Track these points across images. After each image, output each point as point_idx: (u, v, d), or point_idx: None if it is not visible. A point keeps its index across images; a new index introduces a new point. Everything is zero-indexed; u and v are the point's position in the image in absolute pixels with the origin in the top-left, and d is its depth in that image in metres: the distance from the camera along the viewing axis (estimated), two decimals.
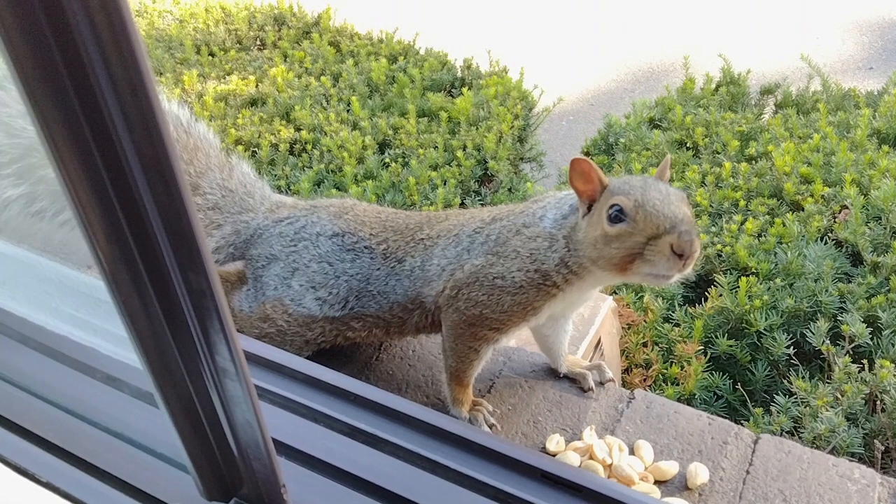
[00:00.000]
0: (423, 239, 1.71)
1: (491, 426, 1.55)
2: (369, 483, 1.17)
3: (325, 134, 4.08)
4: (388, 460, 1.22)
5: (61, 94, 0.72)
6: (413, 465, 1.21)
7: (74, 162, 0.76)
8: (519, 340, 2.40)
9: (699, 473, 1.34)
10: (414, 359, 1.59)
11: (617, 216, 1.42)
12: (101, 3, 0.67)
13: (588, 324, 2.48)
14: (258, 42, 4.89)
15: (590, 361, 1.77)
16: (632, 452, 1.41)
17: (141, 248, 0.84)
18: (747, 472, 1.34)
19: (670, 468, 1.36)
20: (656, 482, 1.35)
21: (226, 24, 4.92)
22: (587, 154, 4.15)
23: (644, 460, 1.38)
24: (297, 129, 4.15)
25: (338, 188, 3.82)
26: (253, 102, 4.39)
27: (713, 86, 4.24)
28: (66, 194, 0.79)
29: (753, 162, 3.59)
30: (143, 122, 0.74)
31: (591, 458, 1.37)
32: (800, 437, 2.61)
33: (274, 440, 1.28)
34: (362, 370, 1.57)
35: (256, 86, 4.45)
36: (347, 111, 4.24)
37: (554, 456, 1.38)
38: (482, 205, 3.96)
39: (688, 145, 3.83)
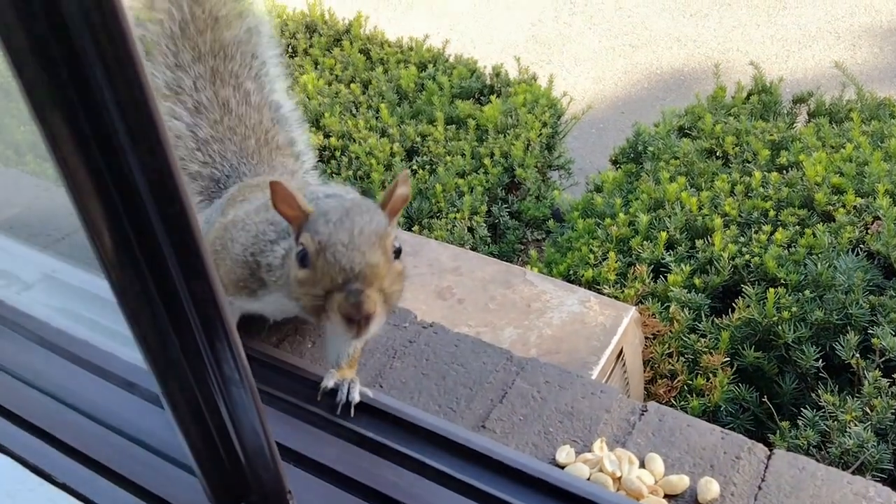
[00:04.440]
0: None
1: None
2: (376, 492, 1.18)
3: (354, 141, 4.11)
4: (394, 469, 1.23)
5: (73, 117, 0.75)
6: (420, 474, 1.21)
7: (86, 182, 0.79)
8: (539, 351, 2.40)
9: (710, 488, 1.33)
10: (427, 367, 1.59)
11: (303, 259, 1.25)
12: (106, 29, 0.69)
13: (610, 334, 2.47)
14: (289, 49, 4.94)
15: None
16: (642, 465, 1.40)
17: (148, 259, 0.86)
18: (759, 488, 1.32)
19: (681, 482, 1.35)
20: (666, 496, 1.34)
21: None
22: (615, 162, 4.13)
23: (654, 474, 1.37)
24: (327, 136, 4.19)
25: (364, 195, 3.83)
26: None
27: (744, 94, 4.20)
28: (77, 212, 0.81)
29: (784, 171, 3.55)
30: (147, 144, 0.76)
31: (600, 470, 1.36)
32: (827, 452, 2.57)
33: (283, 447, 1.30)
34: (375, 378, 1.58)
35: (287, 93, 4.49)
36: (376, 118, 4.27)
37: (563, 468, 1.37)
38: (509, 213, 3.96)
39: (717, 154, 3.80)
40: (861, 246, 3.12)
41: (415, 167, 3.98)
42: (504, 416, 1.47)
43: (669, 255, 3.25)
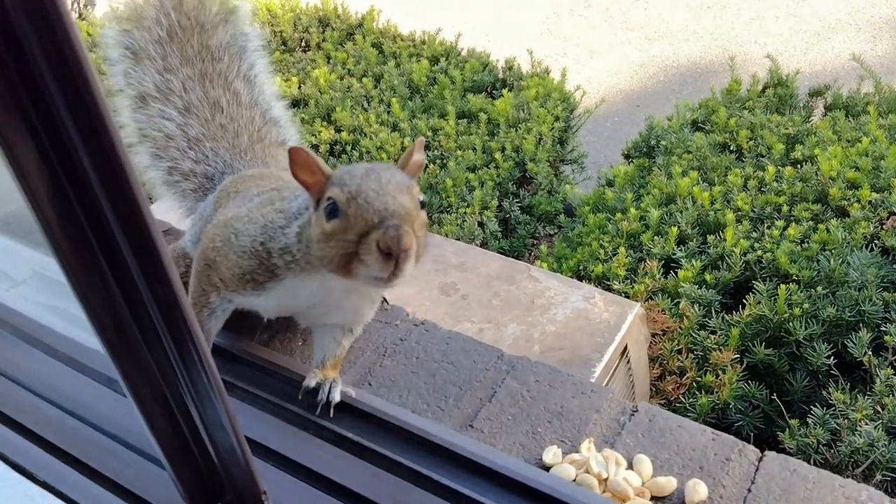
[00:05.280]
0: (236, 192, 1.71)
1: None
2: (354, 493, 1.17)
3: (365, 135, 4.10)
4: (372, 470, 1.22)
5: (28, 124, 0.75)
6: (399, 476, 1.20)
7: (44, 187, 0.79)
8: (543, 347, 2.38)
9: (698, 490, 1.30)
10: (417, 366, 1.58)
11: (332, 211, 1.29)
12: (57, 49, 0.69)
13: (614, 330, 2.45)
14: (302, 43, 4.93)
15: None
16: (630, 466, 1.37)
17: (111, 266, 0.85)
18: (749, 491, 1.30)
19: (668, 484, 1.33)
20: (653, 498, 1.32)
21: (271, 25, 4.98)
22: (627, 157, 4.08)
23: (642, 475, 1.35)
24: (338, 131, 4.18)
25: None
26: (295, 103, 4.43)
27: (760, 87, 4.13)
28: (35, 217, 0.81)
29: (799, 166, 3.49)
30: (100, 148, 0.76)
31: (587, 471, 1.34)
32: (837, 451, 2.53)
33: (262, 446, 1.29)
34: (364, 376, 1.57)
35: (299, 87, 4.49)
36: (388, 112, 4.26)
37: (550, 468, 1.35)
38: (520, 207, 3.93)
39: (731, 148, 3.74)
40: (875, 242, 3.06)
41: (425, 161, 3.96)
42: (492, 416, 1.45)
43: (680, 250, 3.21)
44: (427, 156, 4.00)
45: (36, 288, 1.49)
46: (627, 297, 3.03)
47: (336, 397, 1.40)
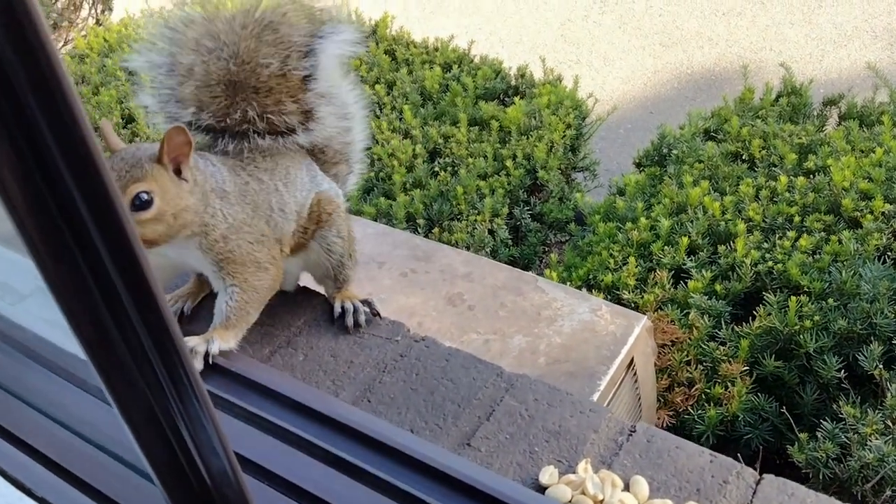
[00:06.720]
0: None
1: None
2: None
3: (377, 142, 4.10)
4: (365, 491, 1.22)
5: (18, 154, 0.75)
6: (392, 498, 1.20)
7: (33, 218, 0.80)
8: (548, 360, 2.37)
9: None
10: (417, 382, 1.58)
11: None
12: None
13: (620, 343, 2.44)
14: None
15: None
16: (627, 488, 1.37)
17: (102, 293, 0.86)
18: None
19: None
20: None
21: None
22: (638, 165, 4.07)
23: (638, 497, 1.34)
24: None
25: (386, 196, 3.84)
26: None
27: (773, 96, 4.10)
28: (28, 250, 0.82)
29: (811, 176, 3.46)
30: (88, 179, 0.77)
31: (583, 492, 1.34)
32: (846, 466, 2.51)
33: (255, 465, 1.30)
34: (364, 393, 1.57)
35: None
36: (400, 119, 4.26)
37: (545, 489, 1.35)
38: (531, 215, 3.93)
39: (743, 158, 3.72)
40: (888, 254, 3.04)
41: (437, 169, 3.96)
42: (490, 435, 1.45)
43: (690, 260, 3.20)
44: (438, 163, 4.00)
45: (40, 303, 1.50)
46: (637, 307, 3.02)
47: (215, 350, 1.58)
